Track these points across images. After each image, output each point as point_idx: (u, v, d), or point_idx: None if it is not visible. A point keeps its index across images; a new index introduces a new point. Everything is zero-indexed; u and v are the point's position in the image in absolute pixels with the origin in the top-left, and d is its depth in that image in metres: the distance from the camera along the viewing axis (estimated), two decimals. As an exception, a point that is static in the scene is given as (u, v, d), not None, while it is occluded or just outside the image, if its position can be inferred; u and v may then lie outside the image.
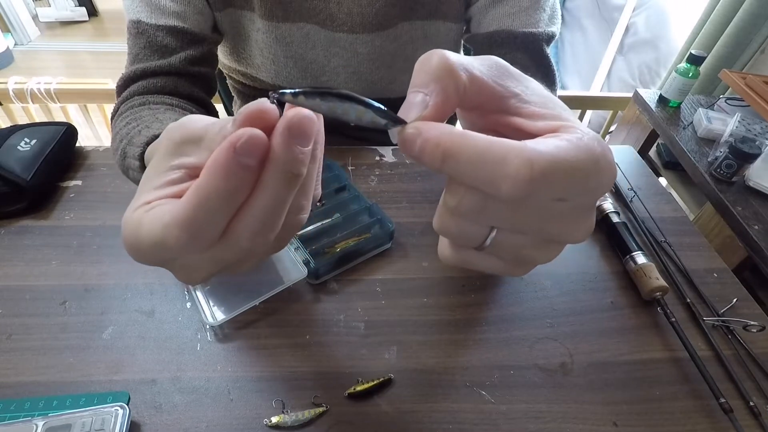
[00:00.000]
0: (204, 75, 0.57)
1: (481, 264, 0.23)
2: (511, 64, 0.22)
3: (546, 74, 0.58)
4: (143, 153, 0.39)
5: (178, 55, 0.54)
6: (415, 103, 0.19)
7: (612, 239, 0.54)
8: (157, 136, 0.39)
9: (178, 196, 0.21)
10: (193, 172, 0.22)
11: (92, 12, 3.25)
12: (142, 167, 0.39)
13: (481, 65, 0.21)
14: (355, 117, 0.18)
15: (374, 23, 0.57)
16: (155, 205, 0.21)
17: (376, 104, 0.18)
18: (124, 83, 0.54)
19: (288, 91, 0.18)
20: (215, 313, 0.42)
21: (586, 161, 0.18)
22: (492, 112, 0.21)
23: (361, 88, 0.64)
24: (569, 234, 0.21)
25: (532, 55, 0.57)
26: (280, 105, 0.19)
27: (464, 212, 0.19)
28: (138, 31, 0.53)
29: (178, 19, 0.53)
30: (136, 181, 0.43)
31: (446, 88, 0.19)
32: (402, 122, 0.19)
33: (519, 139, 0.18)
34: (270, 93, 0.19)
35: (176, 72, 0.55)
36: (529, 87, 0.22)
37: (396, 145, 0.60)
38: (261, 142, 0.18)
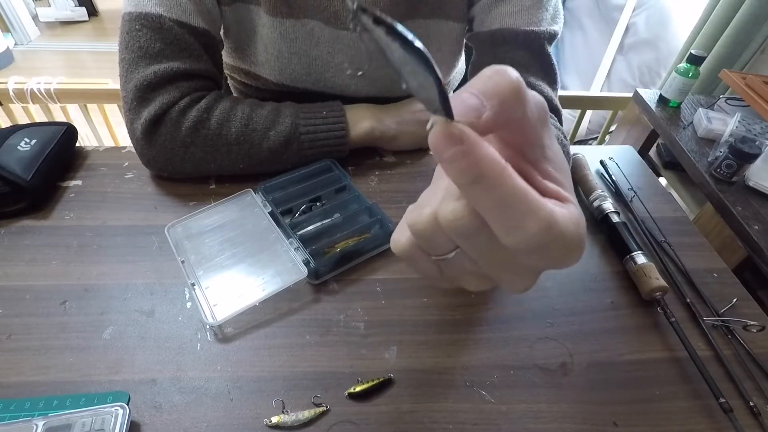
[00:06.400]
0: (221, 79, 0.58)
1: (423, 267, 0.23)
2: (513, 62, 0.22)
3: (547, 73, 0.58)
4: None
5: (204, 56, 0.54)
6: (468, 105, 0.17)
7: (612, 239, 0.54)
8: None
9: None
10: None
11: (92, 12, 3.26)
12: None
13: (534, 102, 0.20)
14: (415, 84, 0.16)
15: None
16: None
17: (441, 79, 0.16)
18: (160, 81, 0.51)
19: (379, 15, 0.14)
20: (215, 313, 0.42)
21: (578, 242, 0.19)
22: (512, 146, 0.21)
23: (364, 85, 0.64)
24: (514, 283, 0.21)
25: (534, 53, 0.57)
26: (362, 11, 0.15)
27: (454, 231, 0.19)
28: (160, 26, 0.50)
29: (198, 18, 0.52)
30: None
31: (505, 111, 0.18)
32: (450, 115, 0.17)
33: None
34: (356, 7, 0.15)
35: (215, 77, 0.56)
36: (553, 142, 0.21)
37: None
38: None
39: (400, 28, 0.14)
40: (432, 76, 0.15)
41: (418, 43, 0.15)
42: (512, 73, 0.18)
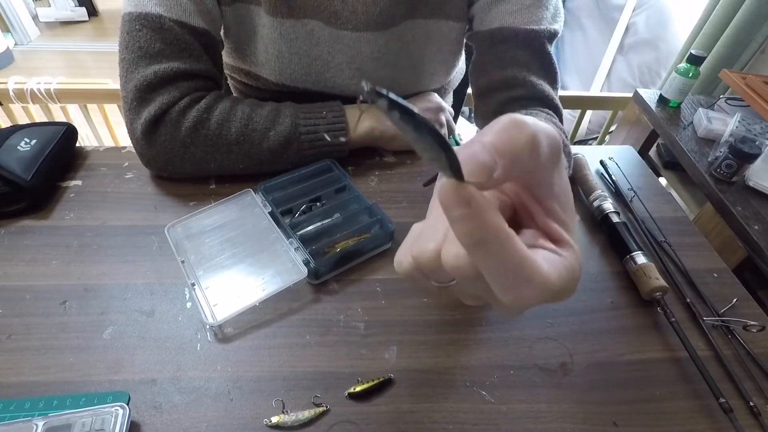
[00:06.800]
0: (221, 79, 0.58)
1: (424, 286, 0.24)
2: (513, 61, 0.22)
3: (547, 71, 0.58)
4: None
5: (204, 56, 0.54)
6: (480, 162, 0.17)
7: (612, 239, 0.54)
8: None
9: None
10: None
11: (92, 12, 3.26)
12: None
13: (548, 143, 0.19)
14: (428, 155, 0.17)
15: (378, 22, 0.57)
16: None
17: (453, 150, 0.16)
18: (160, 81, 0.51)
19: (394, 98, 0.15)
20: (215, 313, 0.42)
21: (570, 290, 0.20)
22: (521, 183, 0.21)
23: None
24: (508, 312, 0.22)
25: (534, 52, 0.57)
26: (377, 95, 0.15)
27: (455, 274, 0.19)
28: (160, 26, 0.50)
29: (198, 18, 0.52)
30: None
31: (518, 167, 0.18)
32: (461, 178, 0.17)
33: (523, 219, 0.19)
34: (370, 90, 0.15)
35: (215, 77, 0.55)
36: (561, 176, 0.21)
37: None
38: None
39: (414, 112, 0.15)
40: (444, 152, 0.16)
41: (431, 127, 0.15)
42: (529, 126, 0.18)
